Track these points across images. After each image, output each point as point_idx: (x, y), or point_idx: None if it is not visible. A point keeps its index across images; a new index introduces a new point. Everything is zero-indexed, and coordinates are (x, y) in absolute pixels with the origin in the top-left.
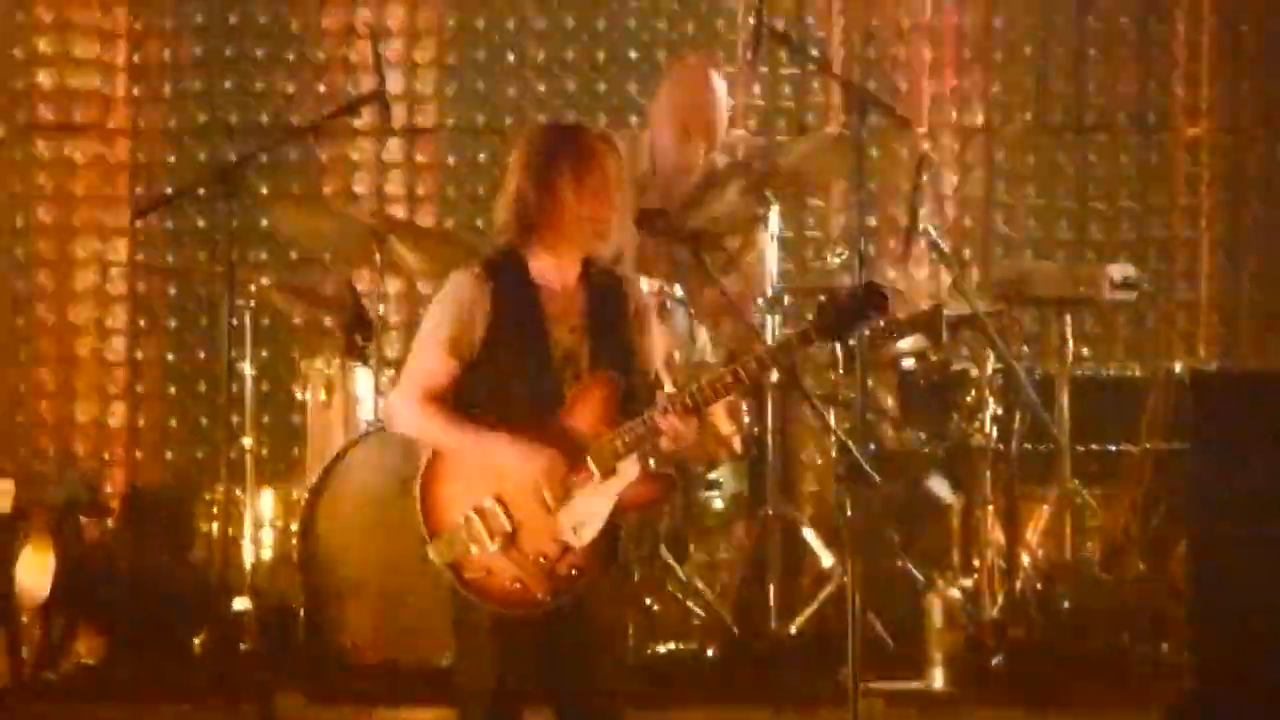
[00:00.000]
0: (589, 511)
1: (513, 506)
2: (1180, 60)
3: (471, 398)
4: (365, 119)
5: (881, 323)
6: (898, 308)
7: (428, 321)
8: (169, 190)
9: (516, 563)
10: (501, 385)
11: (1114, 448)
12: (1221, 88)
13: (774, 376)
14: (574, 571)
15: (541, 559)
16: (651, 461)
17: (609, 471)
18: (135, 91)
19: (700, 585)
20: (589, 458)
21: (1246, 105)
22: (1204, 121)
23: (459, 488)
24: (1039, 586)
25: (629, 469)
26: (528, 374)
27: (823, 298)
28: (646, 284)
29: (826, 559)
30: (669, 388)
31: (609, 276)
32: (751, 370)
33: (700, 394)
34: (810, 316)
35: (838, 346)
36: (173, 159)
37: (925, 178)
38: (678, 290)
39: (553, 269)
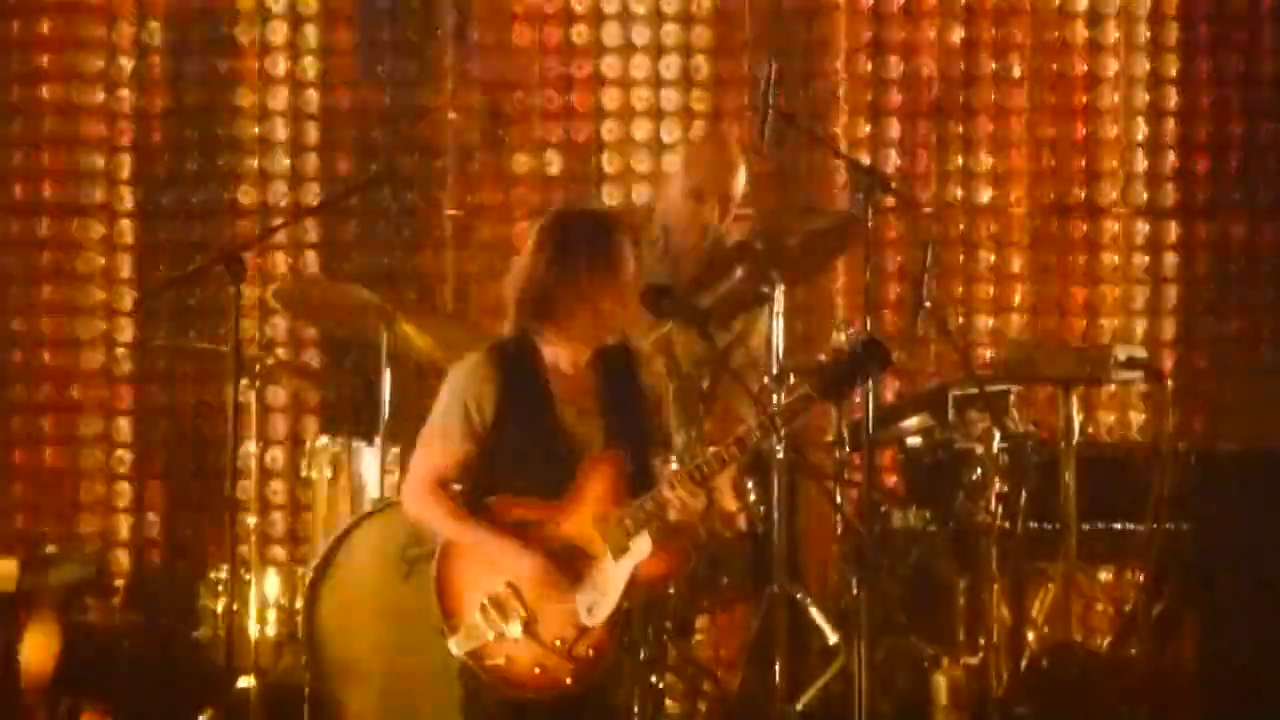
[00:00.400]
0: (602, 591)
1: (527, 592)
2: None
3: (486, 477)
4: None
5: (890, 399)
6: (903, 386)
7: (435, 409)
8: (175, 271)
9: (535, 648)
10: (517, 467)
11: (1120, 526)
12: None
13: (779, 447)
14: (592, 652)
15: (558, 642)
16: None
17: (621, 550)
18: (141, 170)
19: (706, 664)
20: (599, 537)
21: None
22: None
23: (472, 575)
24: (1045, 664)
25: (641, 546)
26: (541, 456)
27: (823, 357)
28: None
29: (832, 637)
30: (675, 464)
31: (621, 353)
32: (755, 437)
33: (707, 465)
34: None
35: (844, 424)
36: (178, 238)
37: (931, 256)
38: (683, 368)
39: (564, 353)
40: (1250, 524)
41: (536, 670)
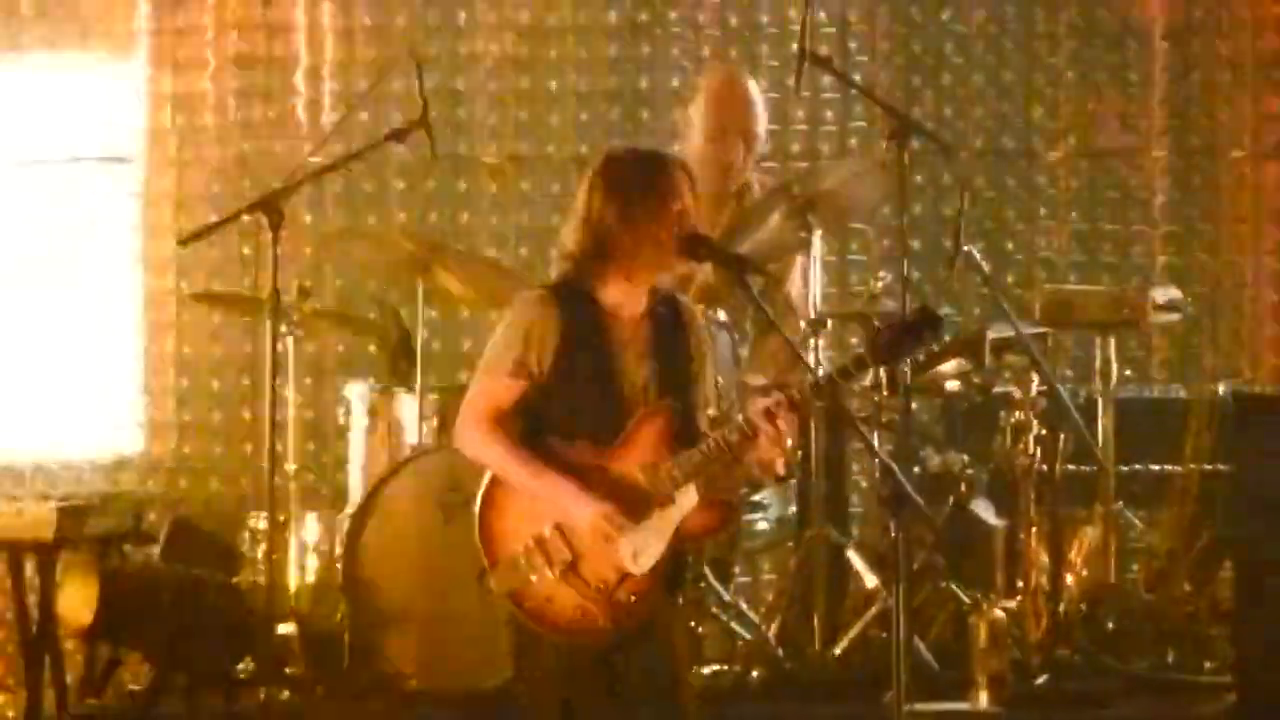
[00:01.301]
0: (648, 539)
1: (573, 536)
2: (1220, 82)
3: (540, 419)
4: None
5: (934, 347)
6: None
7: (493, 344)
8: (213, 219)
9: (577, 590)
10: (570, 410)
11: (1158, 469)
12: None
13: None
14: (633, 598)
15: (601, 586)
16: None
17: (668, 500)
18: (179, 121)
19: (745, 608)
20: (647, 486)
21: None
22: (1249, 143)
23: (518, 516)
24: (1083, 608)
25: (687, 498)
26: (595, 400)
27: (877, 323)
28: None
29: (871, 581)
30: (712, 411)
31: (672, 304)
32: (806, 396)
33: (749, 424)
34: (860, 341)
35: (883, 369)
36: (217, 189)
37: (967, 202)
38: (721, 315)
39: (623, 298)
40: None
41: (576, 613)
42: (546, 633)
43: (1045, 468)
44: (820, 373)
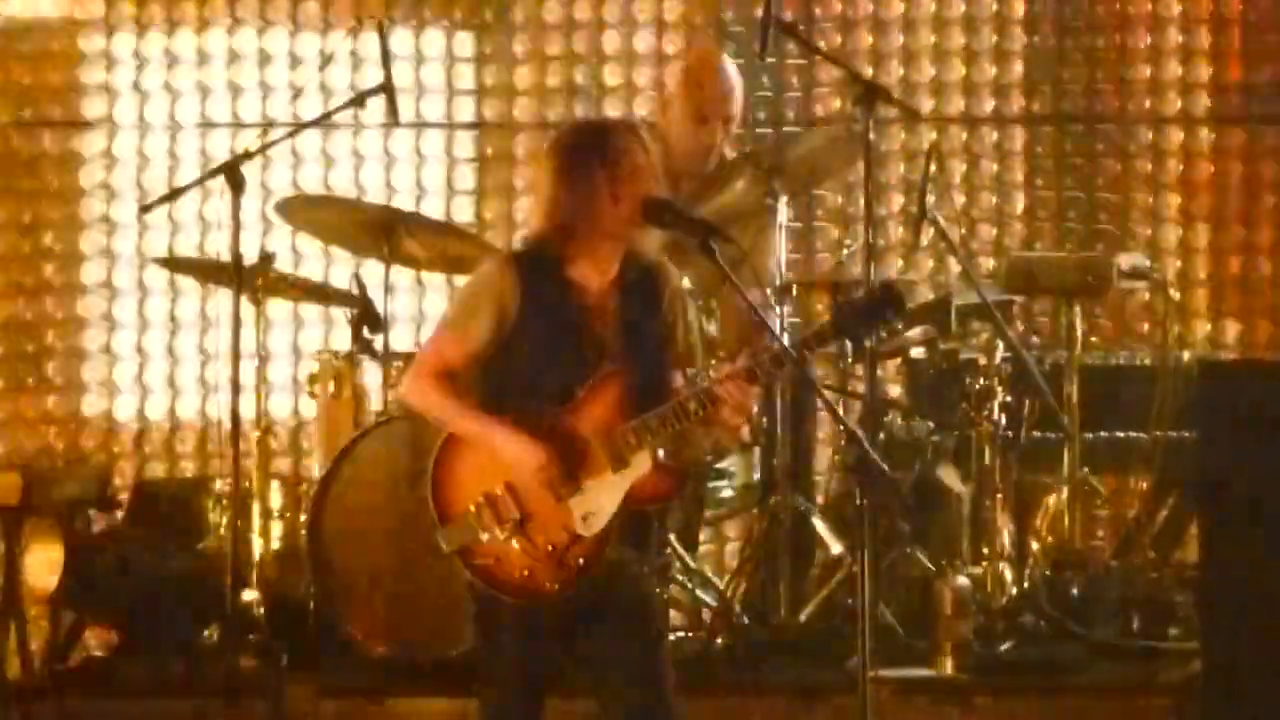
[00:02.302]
0: (599, 503)
1: (523, 495)
2: (1189, 48)
3: (503, 387)
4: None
5: (898, 324)
6: (907, 297)
7: (453, 302)
8: (176, 183)
9: (526, 551)
10: (533, 376)
11: (1123, 436)
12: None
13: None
14: (581, 561)
15: (550, 548)
16: (663, 455)
17: (621, 464)
18: (141, 84)
19: (709, 574)
20: (600, 449)
21: (1258, 95)
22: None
23: (471, 475)
24: (1048, 574)
25: (641, 462)
26: (559, 367)
27: (840, 298)
28: None
29: (836, 548)
30: (693, 371)
31: (644, 267)
32: (767, 367)
33: (708, 393)
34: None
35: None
36: (179, 151)
37: (933, 168)
38: (686, 281)
39: (591, 269)
40: (1252, 433)
41: (524, 573)
42: (495, 592)
43: (1010, 434)
44: (784, 342)
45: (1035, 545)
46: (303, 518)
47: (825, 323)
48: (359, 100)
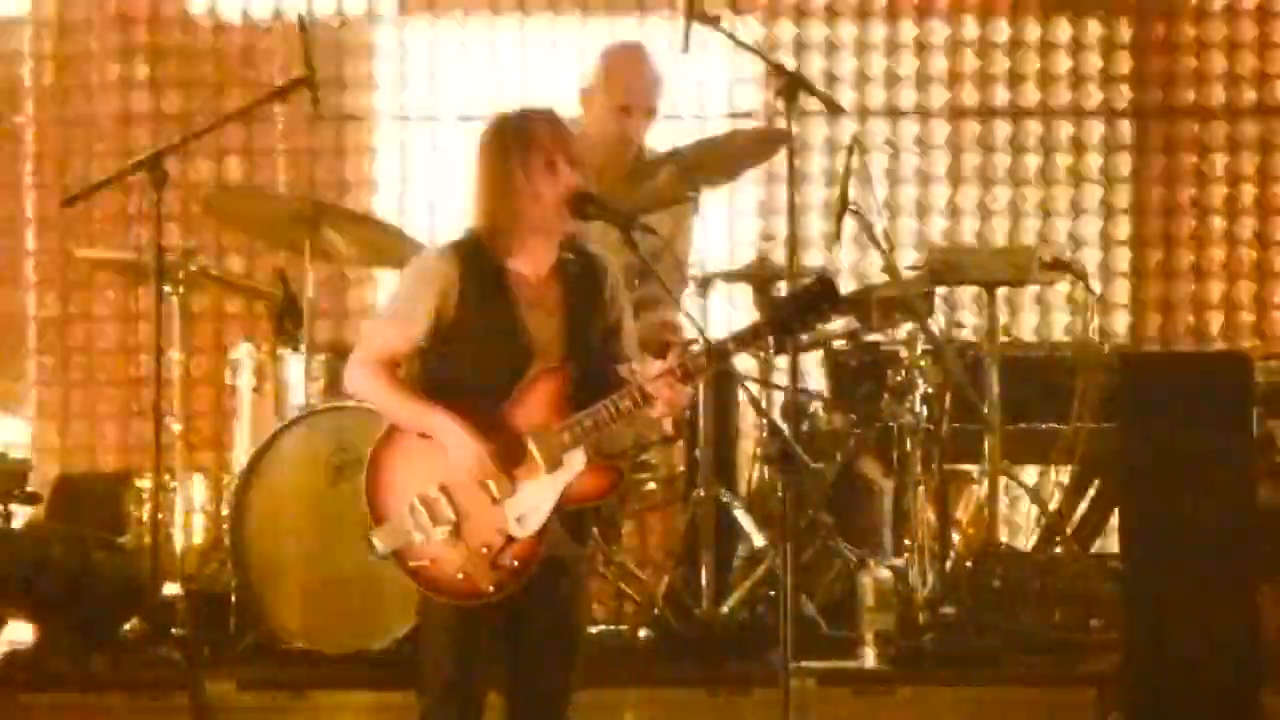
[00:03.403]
0: (534, 503)
1: (458, 496)
2: (1111, 40)
3: (441, 380)
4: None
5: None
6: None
7: (393, 293)
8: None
9: (460, 553)
10: (472, 370)
11: (1045, 427)
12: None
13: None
14: (517, 563)
15: (484, 549)
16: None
17: (555, 463)
18: (65, 80)
19: (632, 567)
20: (534, 449)
21: (1181, 87)
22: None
23: (405, 475)
24: (970, 565)
25: (575, 461)
26: (498, 360)
27: (775, 294)
28: None
29: (758, 540)
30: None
31: (584, 258)
32: (700, 364)
33: (641, 392)
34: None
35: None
36: (102, 146)
37: (855, 160)
38: None
39: (528, 261)
40: (1173, 424)
41: (459, 576)
42: (430, 594)
43: (932, 426)
44: (714, 339)
45: (957, 537)
46: (224, 512)
47: (760, 319)
48: (281, 94)
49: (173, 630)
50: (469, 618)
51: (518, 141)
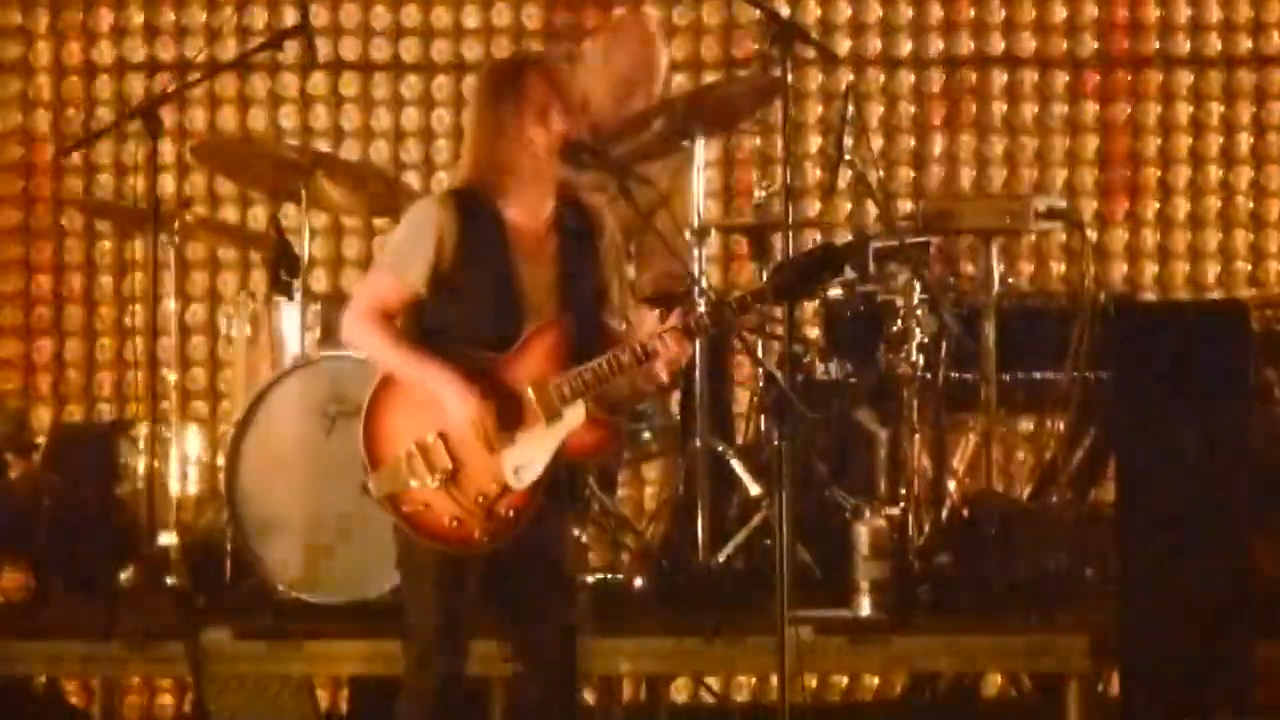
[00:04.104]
0: (531, 455)
1: (456, 444)
2: None
3: (436, 328)
4: (290, 53)
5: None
6: (824, 239)
7: (390, 243)
8: (94, 126)
9: (456, 500)
10: (468, 321)
11: (1040, 376)
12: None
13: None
14: (512, 513)
15: (480, 498)
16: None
17: (554, 416)
18: (58, 26)
19: (628, 517)
20: (534, 402)
21: (1177, 37)
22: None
23: (404, 421)
24: (965, 514)
25: (574, 415)
26: (494, 311)
27: (779, 259)
28: None
29: (754, 489)
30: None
31: (580, 210)
32: (703, 325)
33: (644, 348)
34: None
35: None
36: (97, 94)
37: (851, 109)
38: None
39: (524, 209)
40: (1169, 373)
41: (453, 523)
42: (422, 539)
43: (928, 375)
44: (718, 299)
45: (953, 485)
46: (220, 461)
47: (764, 284)
48: (276, 42)
49: (168, 580)
50: (455, 567)
51: (511, 88)
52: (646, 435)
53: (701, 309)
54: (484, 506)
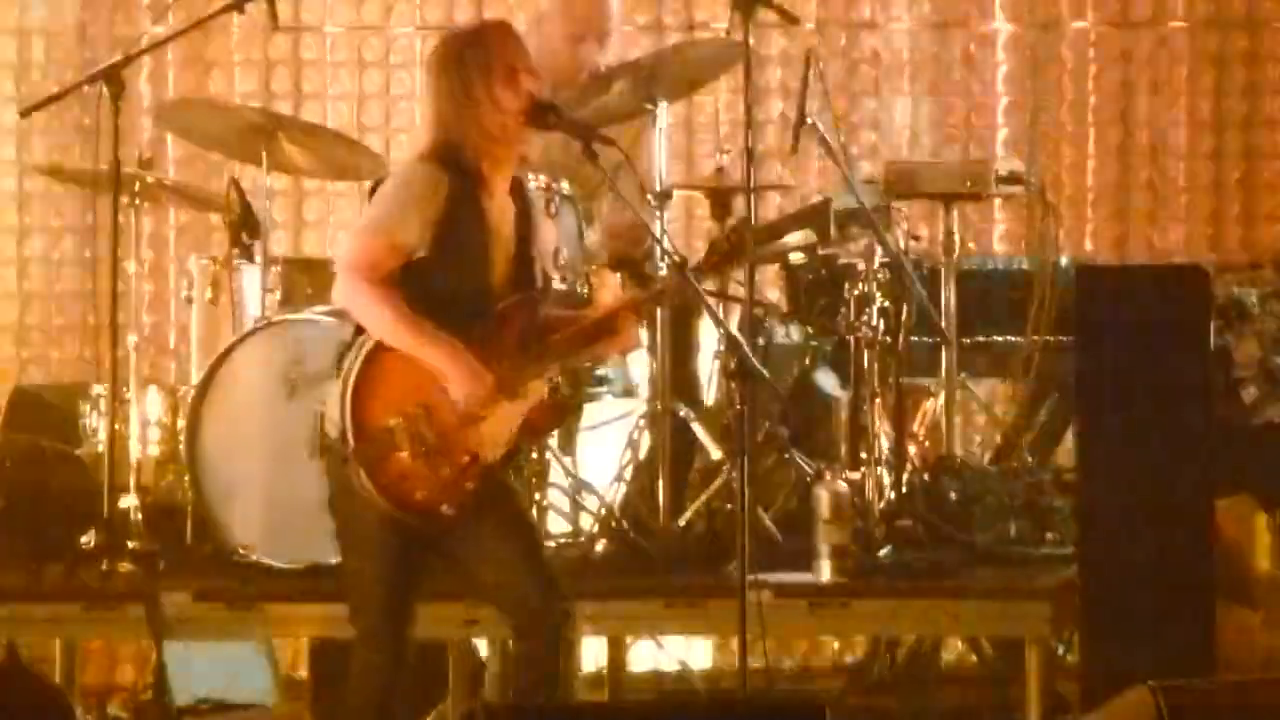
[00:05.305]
0: (496, 430)
1: (437, 416)
2: None
3: (418, 298)
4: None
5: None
6: (786, 203)
7: (381, 202)
8: (54, 88)
9: (432, 471)
10: (443, 289)
11: (1001, 340)
12: None
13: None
14: (473, 486)
15: (452, 471)
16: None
17: (515, 393)
18: None
19: (589, 481)
20: (502, 378)
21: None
22: (1091, 14)
23: (387, 393)
24: (926, 479)
25: (536, 391)
26: (468, 282)
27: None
28: (534, 180)
29: (715, 453)
30: (557, 284)
31: (519, 184)
32: (668, 288)
33: (607, 321)
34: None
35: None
36: (57, 56)
37: (812, 73)
38: (565, 187)
39: (494, 178)
40: (1130, 338)
41: (422, 495)
42: (394, 510)
43: (889, 339)
44: (679, 263)
45: (913, 450)
46: (180, 424)
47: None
48: (238, 5)
49: (129, 542)
50: (402, 538)
51: (475, 52)
52: (609, 398)
53: (663, 272)
54: (455, 479)
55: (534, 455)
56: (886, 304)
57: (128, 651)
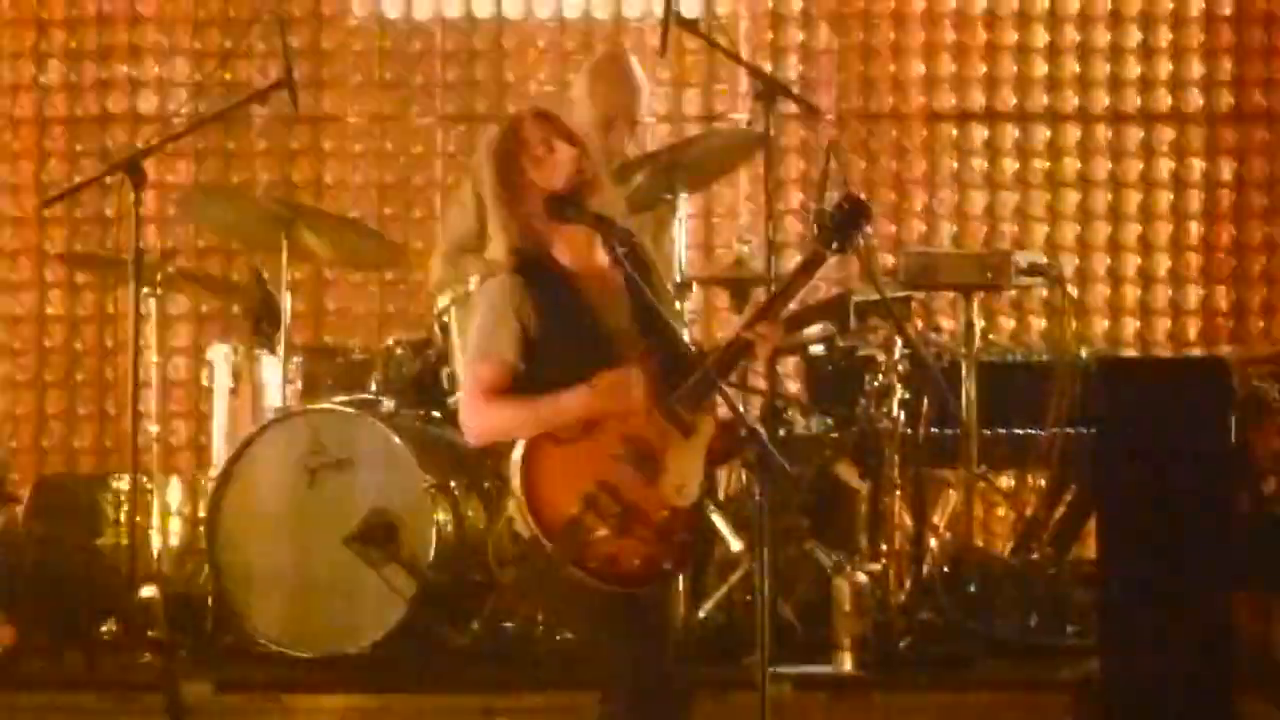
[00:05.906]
0: (684, 471)
1: (617, 487)
2: (1086, 45)
3: (547, 376)
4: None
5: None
6: (805, 293)
7: (477, 331)
8: (76, 178)
9: (638, 538)
10: (564, 376)
11: (1021, 432)
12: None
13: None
14: (687, 535)
15: (656, 530)
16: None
17: (690, 430)
18: (40, 79)
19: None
20: (664, 423)
21: (1159, 90)
22: (1109, 107)
23: (560, 483)
24: (946, 570)
25: (707, 424)
26: (589, 361)
27: (813, 217)
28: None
29: (735, 544)
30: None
31: (631, 244)
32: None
33: (742, 342)
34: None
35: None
36: (79, 147)
37: (833, 164)
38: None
39: (577, 255)
40: (1150, 430)
41: (639, 562)
42: (618, 588)
43: (909, 430)
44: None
45: (933, 542)
46: (201, 513)
47: (812, 246)
48: (260, 96)
49: (149, 632)
50: (634, 602)
51: (498, 149)
52: None
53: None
54: (664, 536)
55: None
56: (906, 395)
57: None
